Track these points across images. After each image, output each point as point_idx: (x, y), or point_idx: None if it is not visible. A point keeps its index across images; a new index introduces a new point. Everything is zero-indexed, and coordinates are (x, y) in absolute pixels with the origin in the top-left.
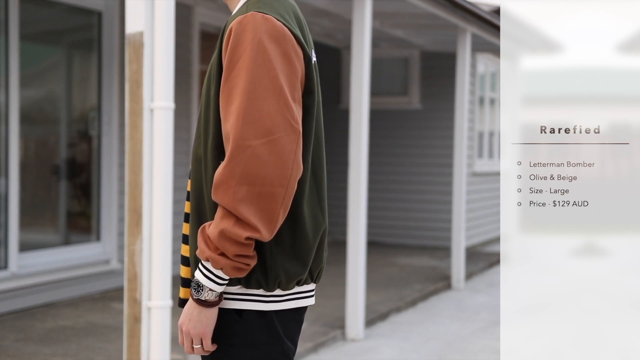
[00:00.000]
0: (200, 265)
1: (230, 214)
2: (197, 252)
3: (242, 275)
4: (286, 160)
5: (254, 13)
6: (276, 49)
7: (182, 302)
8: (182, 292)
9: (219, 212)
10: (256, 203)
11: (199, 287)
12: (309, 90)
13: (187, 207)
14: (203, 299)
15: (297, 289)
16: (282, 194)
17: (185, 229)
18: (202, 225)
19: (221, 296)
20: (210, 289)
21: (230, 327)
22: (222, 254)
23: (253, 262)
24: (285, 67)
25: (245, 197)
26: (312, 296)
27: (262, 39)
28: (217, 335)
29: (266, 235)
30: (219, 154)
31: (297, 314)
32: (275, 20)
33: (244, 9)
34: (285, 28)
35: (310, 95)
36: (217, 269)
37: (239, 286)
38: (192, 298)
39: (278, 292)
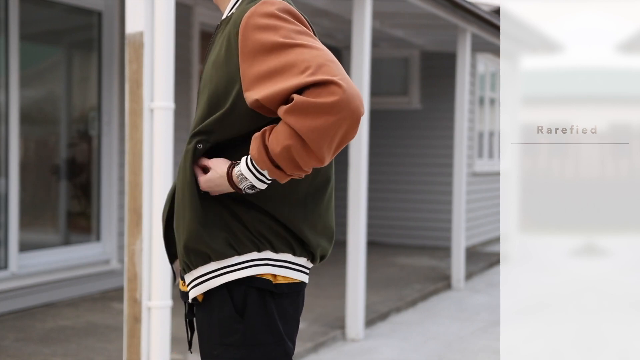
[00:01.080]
0: (250, 164)
1: (299, 137)
2: (253, 154)
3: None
4: (360, 94)
5: (263, 1)
6: (295, 20)
7: (183, 294)
8: (182, 285)
9: (286, 130)
10: (332, 134)
11: (243, 178)
12: None
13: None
14: (240, 187)
15: (302, 260)
16: (356, 128)
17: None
18: (262, 131)
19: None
20: (253, 185)
21: (232, 326)
22: (279, 167)
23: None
24: (308, 31)
25: (325, 127)
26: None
27: (278, 15)
28: (218, 335)
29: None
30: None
31: (296, 303)
32: (285, 2)
33: (243, 5)
34: (293, 7)
35: None
36: (269, 177)
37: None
38: (229, 178)
39: (289, 257)
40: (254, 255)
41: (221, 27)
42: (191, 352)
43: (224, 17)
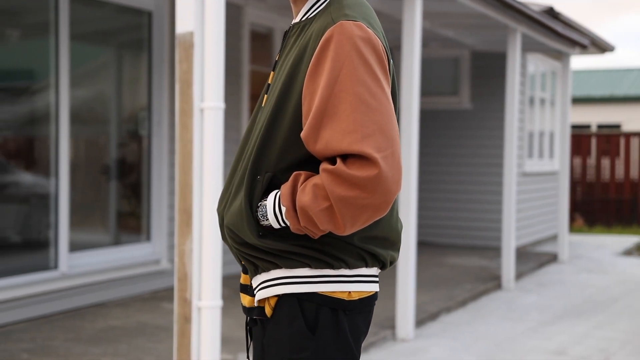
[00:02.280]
0: (277, 207)
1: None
2: (282, 197)
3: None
4: (400, 173)
5: (345, 22)
6: (373, 57)
7: (243, 288)
8: (243, 278)
9: (314, 188)
10: (361, 212)
11: (264, 216)
12: (392, 96)
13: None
14: (261, 221)
15: (374, 271)
16: (387, 210)
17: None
18: (296, 176)
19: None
20: (270, 224)
21: (302, 343)
22: (298, 223)
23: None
24: (383, 74)
25: (353, 203)
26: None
27: (359, 48)
28: (288, 351)
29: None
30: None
31: (369, 318)
32: (367, 27)
33: (327, 15)
34: (375, 36)
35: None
36: (285, 216)
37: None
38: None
39: (362, 270)
40: (328, 272)
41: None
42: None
43: (297, 20)
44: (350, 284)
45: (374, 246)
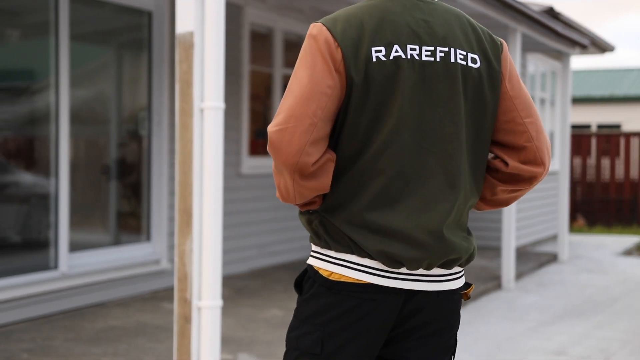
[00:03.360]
0: None
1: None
2: None
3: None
4: (295, 146)
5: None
6: (313, 49)
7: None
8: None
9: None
10: (275, 177)
11: None
12: (363, 88)
13: None
14: None
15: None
16: (289, 176)
17: None
18: None
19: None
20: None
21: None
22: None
23: None
24: (322, 62)
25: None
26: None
27: (304, 45)
28: None
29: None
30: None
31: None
32: (320, 24)
33: None
34: (323, 29)
35: (362, 93)
36: None
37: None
38: None
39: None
40: (318, 249)
41: None
42: None
43: None
44: (333, 265)
45: (358, 235)
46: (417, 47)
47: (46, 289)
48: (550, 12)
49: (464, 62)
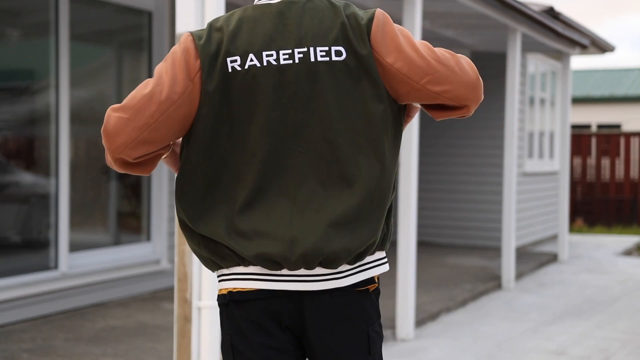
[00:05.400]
0: None
1: None
2: None
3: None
4: (118, 136)
5: None
6: (172, 52)
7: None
8: None
9: None
10: None
11: None
12: (220, 98)
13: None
14: None
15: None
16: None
17: None
18: None
19: None
20: None
21: None
22: None
23: None
24: (180, 64)
25: None
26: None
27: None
28: None
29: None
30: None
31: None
32: (188, 33)
33: None
34: (189, 39)
35: (220, 103)
36: None
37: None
38: None
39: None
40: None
41: None
42: None
43: None
44: (223, 282)
45: (207, 247)
46: (273, 52)
47: (46, 289)
48: (550, 12)
49: (327, 58)
